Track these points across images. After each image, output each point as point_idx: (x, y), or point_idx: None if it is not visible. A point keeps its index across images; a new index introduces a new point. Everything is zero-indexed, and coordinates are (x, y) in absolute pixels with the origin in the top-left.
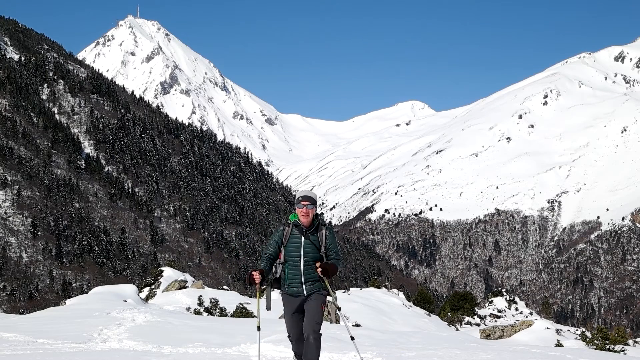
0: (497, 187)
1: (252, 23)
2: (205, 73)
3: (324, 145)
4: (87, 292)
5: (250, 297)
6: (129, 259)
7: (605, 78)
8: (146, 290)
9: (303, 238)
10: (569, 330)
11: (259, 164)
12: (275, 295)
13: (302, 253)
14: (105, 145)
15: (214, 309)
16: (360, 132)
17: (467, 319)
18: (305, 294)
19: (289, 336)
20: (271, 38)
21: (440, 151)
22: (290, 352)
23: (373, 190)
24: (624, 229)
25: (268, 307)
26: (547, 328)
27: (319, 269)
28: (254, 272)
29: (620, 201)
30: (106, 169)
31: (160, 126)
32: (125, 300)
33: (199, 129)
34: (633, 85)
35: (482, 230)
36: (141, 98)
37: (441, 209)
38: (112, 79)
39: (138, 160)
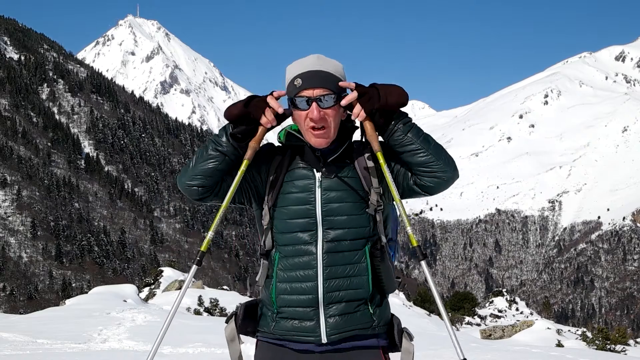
0: (497, 187)
1: (252, 23)
2: (205, 73)
3: None
4: (86, 292)
5: (251, 297)
6: (129, 259)
7: (606, 78)
8: (146, 290)
9: (319, 176)
10: (569, 331)
11: None
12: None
13: (319, 217)
14: (105, 145)
15: (214, 309)
16: (360, 132)
17: (467, 319)
18: (326, 341)
19: None
20: (271, 38)
21: None
22: None
23: None
24: (625, 228)
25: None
26: (548, 328)
27: (352, 95)
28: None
29: (620, 201)
30: (106, 169)
31: (160, 126)
32: (125, 300)
33: (199, 128)
34: (634, 84)
35: (482, 230)
36: (141, 98)
37: (441, 209)
38: (112, 78)
39: (138, 160)
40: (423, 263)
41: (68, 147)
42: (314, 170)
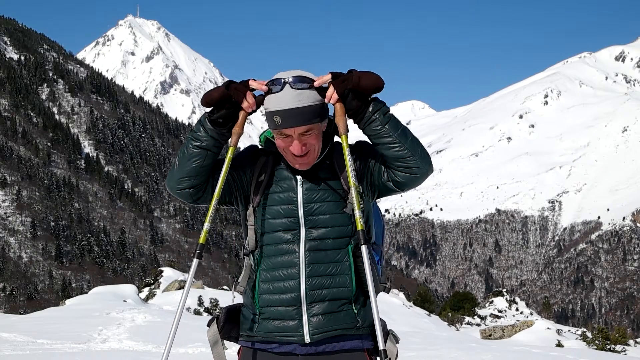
0: (497, 187)
1: (252, 23)
2: (205, 73)
3: None
4: (86, 292)
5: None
6: (129, 259)
7: (606, 78)
8: (146, 290)
9: (299, 179)
10: (569, 331)
11: None
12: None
13: (301, 216)
14: (105, 145)
15: (214, 309)
16: (360, 132)
17: (467, 319)
18: (309, 340)
19: None
20: (271, 38)
21: (440, 151)
22: None
23: None
24: (625, 229)
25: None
26: (548, 328)
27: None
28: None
29: (620, 201)
30: (106, 169)
31: (160, 126)
32: (125, 301)
33: None
34: (634, 85)
35: (482, 230)
36: (141, 98)
37: (441, 209)
38: (111, 78)
39: (138, 160)
40: (363, 248)
41: (68, 147)
42: (294, 175)
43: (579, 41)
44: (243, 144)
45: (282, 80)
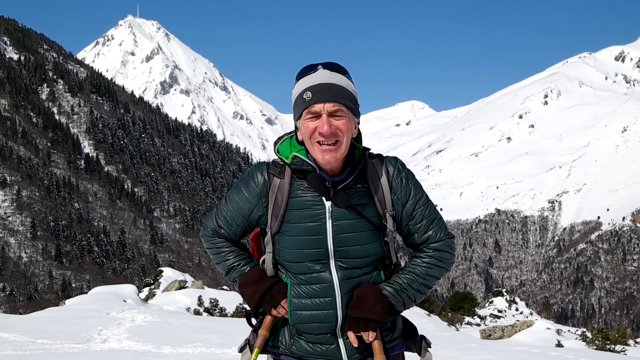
0: (497, 187)
1: (252, 23)
2: (205, 73)
3: None
4: (86, 293)
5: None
6: (129, 259)
7: (606, 78)
8: (146, 290)
9: (328, 205)
10: (569, 331)
11: None
12: None
13: (330, 247)
14: (104, 145)
15: (214, 309)
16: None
17: (467, 319)
18: None
19: None
20: (271, 38)
21: (440, 151)
22: None
23: None
24: (625, 229)
25: None
26: (548, 328)
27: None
28: (274, 291)
29: (620, 201)
30: (106, 169)
31: (160, 126)
32: (124, 301)
33: (199, 129)
34: (633, 85)
35: (482, 230)
36: (141, 98)
37: (441, 209)
38: (111, 78)
39: (138, 160)
40: None
41: (68, 147)
42: (323, 198)
43: (579, 41)
44: (243, 143)
45: (317, 65)
